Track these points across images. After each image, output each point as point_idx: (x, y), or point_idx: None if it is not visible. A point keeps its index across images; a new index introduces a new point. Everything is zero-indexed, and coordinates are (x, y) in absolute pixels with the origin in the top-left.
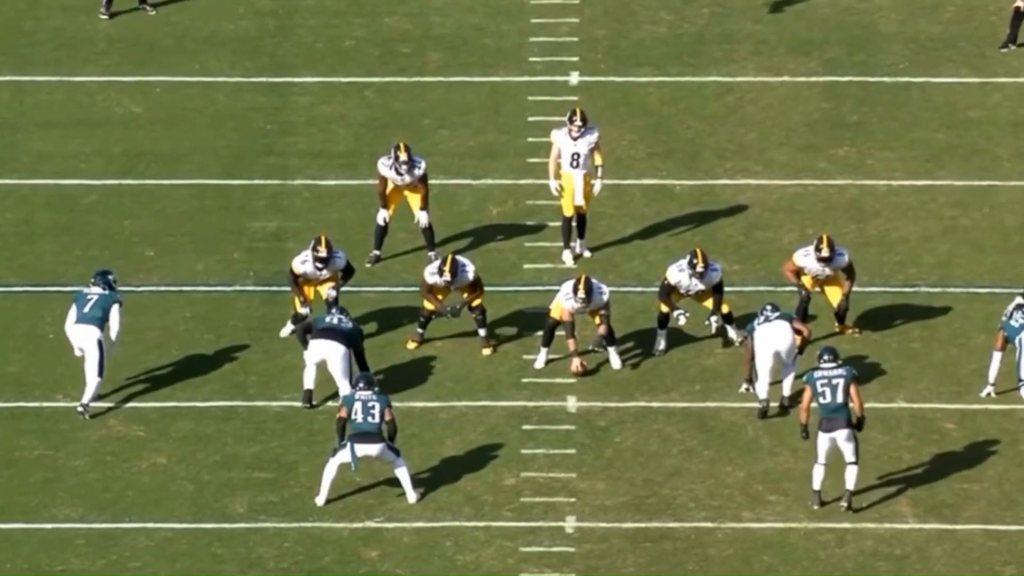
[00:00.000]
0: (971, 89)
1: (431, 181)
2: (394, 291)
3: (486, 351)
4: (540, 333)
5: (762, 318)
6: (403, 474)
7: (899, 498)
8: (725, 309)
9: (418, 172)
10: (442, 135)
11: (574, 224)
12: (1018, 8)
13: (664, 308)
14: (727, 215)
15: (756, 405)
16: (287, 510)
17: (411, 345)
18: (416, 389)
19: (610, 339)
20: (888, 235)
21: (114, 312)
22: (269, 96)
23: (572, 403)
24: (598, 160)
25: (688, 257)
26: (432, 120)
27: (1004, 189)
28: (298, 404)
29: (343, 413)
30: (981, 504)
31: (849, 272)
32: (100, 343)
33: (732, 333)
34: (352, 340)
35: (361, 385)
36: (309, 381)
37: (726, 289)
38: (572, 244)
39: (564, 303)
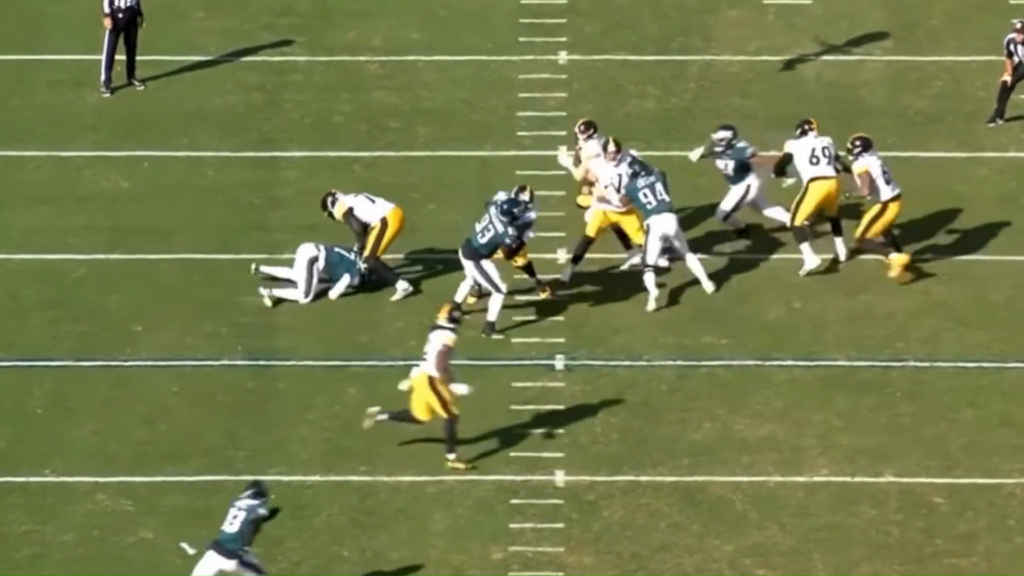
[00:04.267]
0: (958, 164)
1: (422, 256)
2: (381, 364)
3: (543, 295)
4: (530, 406)
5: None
6: None
7: (888, 573)
8: None
9: None
10: (430, 209)
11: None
12: (1005, 83)
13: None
14: (715, 288)
15: (743, 479)
16: None
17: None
18: (404, 463)
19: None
20: (875, 309)
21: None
22: (257, 171)
23: (560, 477)
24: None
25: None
26: (421, 194)
27: (991, 264)
28: (286, 478)
29: None
30: None
31: None
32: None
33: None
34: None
35: (248, 493)
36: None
37: (713, 363)
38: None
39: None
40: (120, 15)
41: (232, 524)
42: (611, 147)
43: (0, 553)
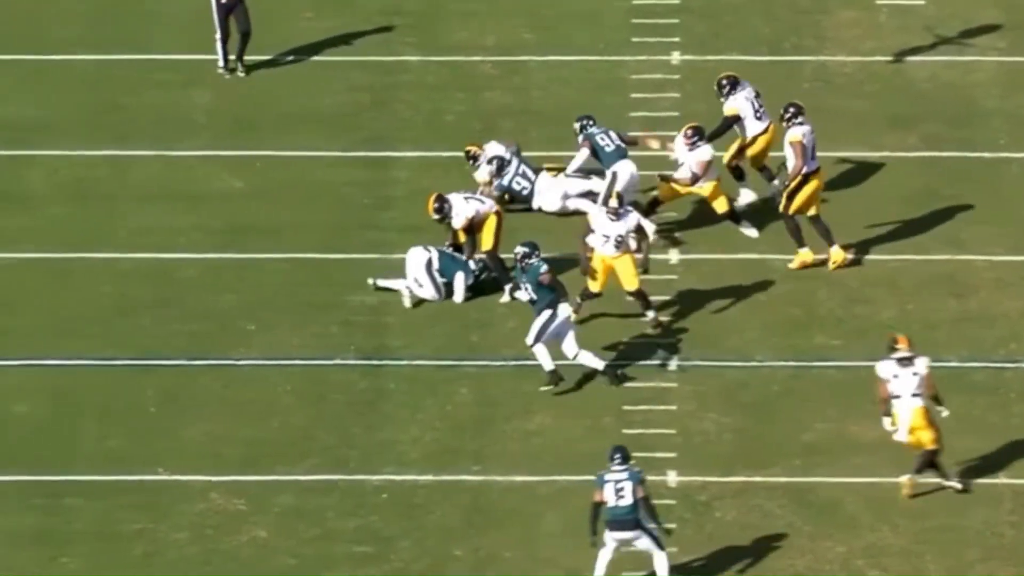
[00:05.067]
0: None
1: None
2: (492, 364)
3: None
4: (642, 407)
5: None
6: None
7: (1001, 575)
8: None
9: None
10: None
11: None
12: None
13: None
14: (826, 290)
15: (855, 480)
16: None
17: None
18: (516, 463)
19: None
20: (989, 310)
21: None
22: (367, 170)
23: (672, 477)
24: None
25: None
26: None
27: None
28: (398, 478)
29: (597, 496)
30: None
31: None
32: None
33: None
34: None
35: (617, 459)
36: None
37: (825, 364)
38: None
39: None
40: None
41: (622, 497)
42: (688, 131)
43: (114, 551)
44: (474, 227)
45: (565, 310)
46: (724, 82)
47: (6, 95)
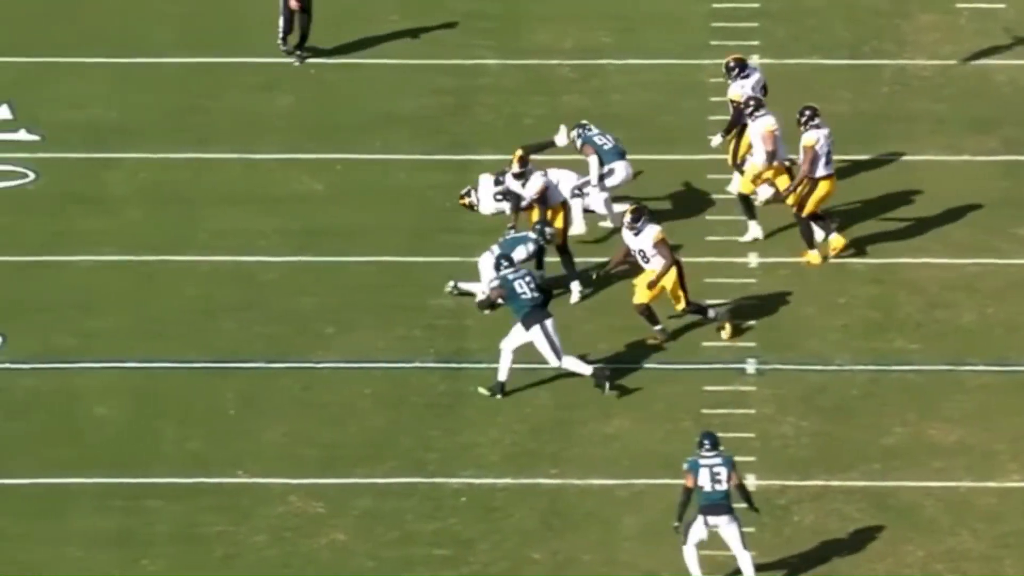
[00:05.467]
0: None
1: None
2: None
3: (723, 333)
4: (721, 410)
5: None
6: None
7: None
8: None
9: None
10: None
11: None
12: None
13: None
14: (906, 293)
15: (934, 484)
16: None
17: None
18: (594, 466)
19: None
20: None
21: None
22: (449, 173)
23: (751, 482)
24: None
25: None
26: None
27: None
28: (477, 481)
29: (689, 481)
30: None
31: None
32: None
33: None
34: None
35: (707, 445)
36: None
37: (905, 368)
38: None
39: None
40: None
41: (719, 482)
42: (749, 101)
43: (195, 553)
44: (546, 201)
45: (550, 320)
46: (732, 64)
47: (89, 98)
